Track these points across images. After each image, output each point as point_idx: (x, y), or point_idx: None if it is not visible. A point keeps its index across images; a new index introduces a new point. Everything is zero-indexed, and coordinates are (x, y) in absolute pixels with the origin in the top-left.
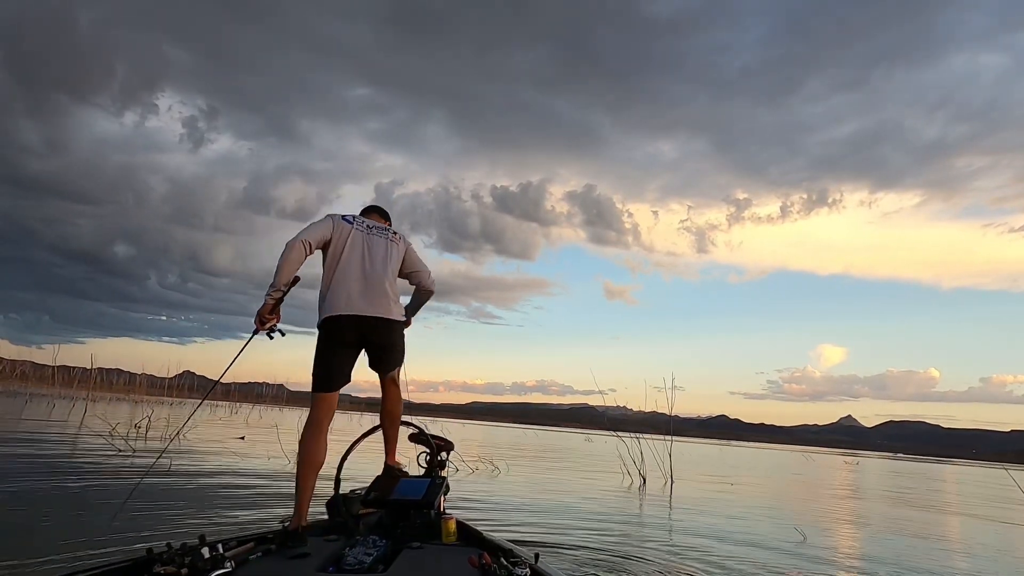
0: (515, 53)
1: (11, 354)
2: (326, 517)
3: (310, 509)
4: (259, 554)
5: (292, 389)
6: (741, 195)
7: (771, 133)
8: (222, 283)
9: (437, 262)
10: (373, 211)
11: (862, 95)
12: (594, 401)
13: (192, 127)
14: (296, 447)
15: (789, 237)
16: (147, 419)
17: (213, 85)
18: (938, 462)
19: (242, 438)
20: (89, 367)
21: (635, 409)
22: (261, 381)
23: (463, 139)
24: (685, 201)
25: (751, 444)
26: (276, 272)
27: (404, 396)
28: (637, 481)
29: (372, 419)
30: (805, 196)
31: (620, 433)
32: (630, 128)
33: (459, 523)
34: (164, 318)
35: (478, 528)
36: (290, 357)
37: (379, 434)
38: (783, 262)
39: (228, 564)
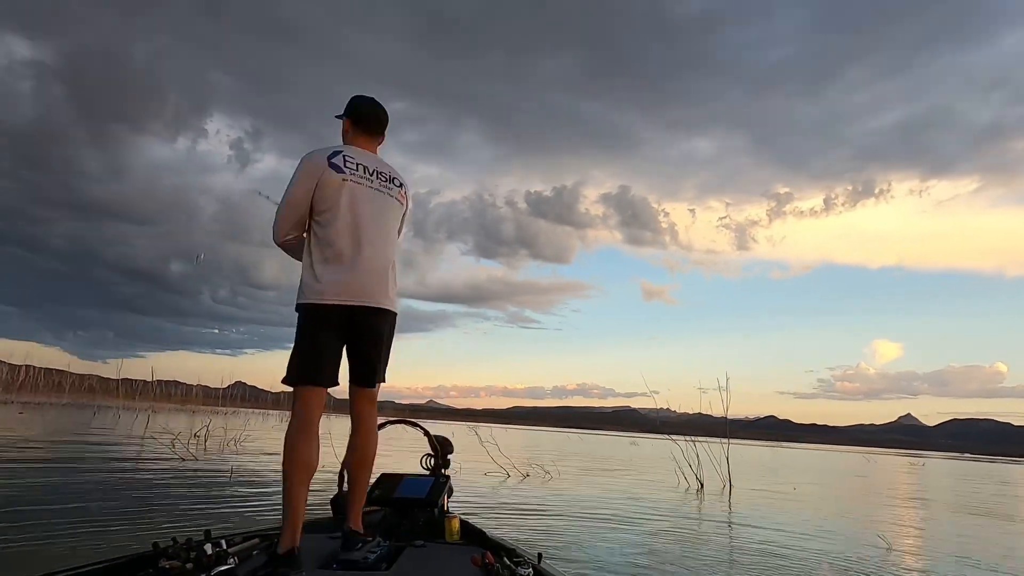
0: (544, 60)
1: (80, 369)
2: (330, 514)
3: (306, 512)
4: (263, 549)
5: (337, 397)
6: (782, 189)
7: (811, 125)
8: (269, 296)
9: (474, 268)
10: (365, 126)
11: (907, 80)
12: (637, 403)
13: (239, 148)
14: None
15: (834, 230)
16: (205, 429)
17: (257, 107)
18: (1011, 462)
19: None
20: (149, 380)
21: (679, 411)
22: None
23: (497, 146)
24: (723, 198)
25: (804, 446)
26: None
27: (445, 401)
28: (694, 485)
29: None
30: (850, 187)
31: (673, 436)
32: (663, 127)
33: (463, 522)
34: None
35: (482, 527)
36: None
37: (386, 429)
38: (829, 256)
39: (232, 560)
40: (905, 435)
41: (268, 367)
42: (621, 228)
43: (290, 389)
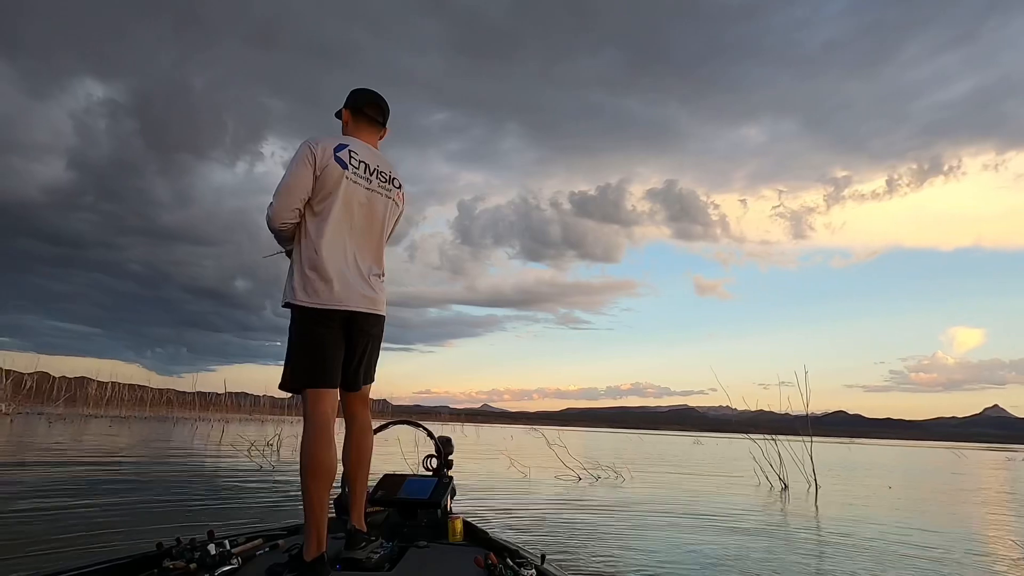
0: (582, 60)
1: (158, 384)
2: (334, 515)
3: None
4: (266, 550)
5: (394, 404)
6: (839, 173)
7: (868, 104)
8: None
9: (522, 272)
10: (369, 120)
11: (973, 50)
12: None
13: None
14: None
15: (900, 212)
16: (277, 437)
17: (308, 127)
18: None
19: None
20: (221, 392)
21: (739, 408)
22: None
23: (539, 149)
24: (776, 186)
25: (879, 442)
26: (277, 241)
27: (499, 405)
28: (777, 485)
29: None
30: (915, 166)
31: (751, 435)
32: (709, 118)
33: (465, 523)
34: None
35: (485, 528)
36: (390, 372)
37: (392, 430)
38: (896, 240)
39: (235, 560)
40: (993, 428)
41: None
42: (669, 223)
43: (287, 395)
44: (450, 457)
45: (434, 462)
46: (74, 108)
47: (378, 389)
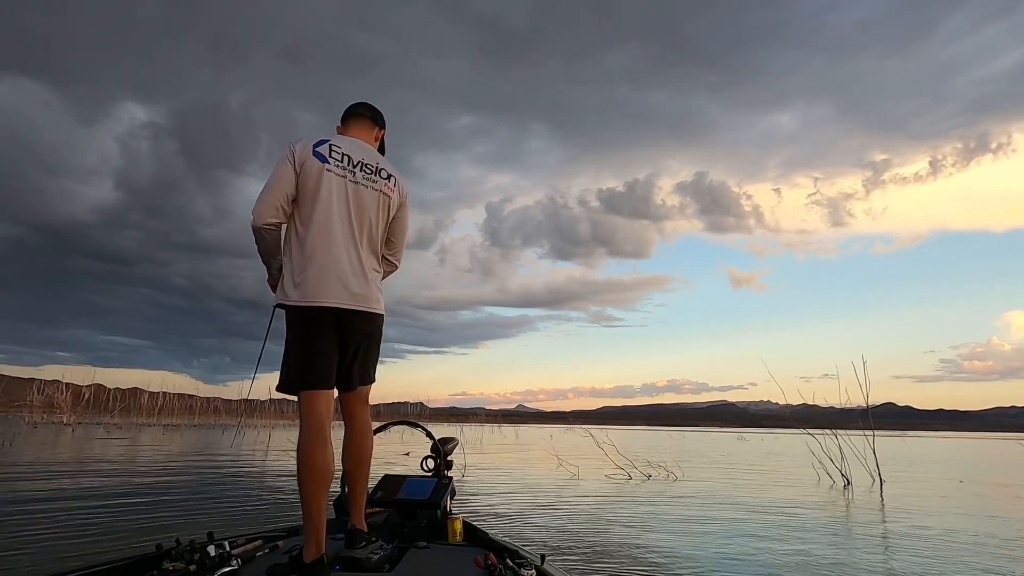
0: (605, 56)
1: (206, 392)
2: (333, 515)
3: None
4: (266, 551)
5: (431, 407)
6: (878, 156)
7: (907, 83)
8: None
9: (552, 271)
10: (357, 115)
11: (1020, 19)
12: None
13: None
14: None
15: (945, 194)
16: None
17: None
18: None
19: (407, 454)
20: (265, 399)
21: (781, 403)
22: (403, 400)
23: (565, 148)
24: (811, 173)
25: (933, 434)
26: (262, 258)
27: (534, 405)
28: (839, 482)
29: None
30: (960, 145)
31: (811, 430)
32: (738, 107)
33: (465, 523)
34: None
35: (485, 529)
36: (425, 375)
37: (390, 432)
38: (942, 223)
39: (235, 562)
40: None
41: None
42: (701, 216)
43: (293, 397)
44: (449, 457)
45: (432, 463)
46: (119, 132)
47: (414, 392)
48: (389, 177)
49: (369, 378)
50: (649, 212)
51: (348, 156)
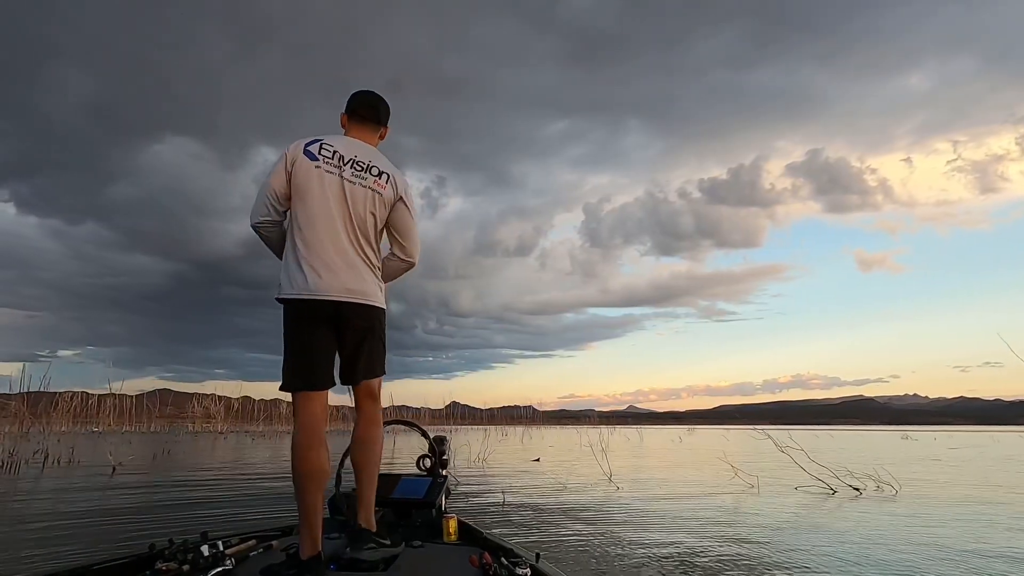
0: (699, 42)
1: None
2: (327, 515)
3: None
4: (260, 551)
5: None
6: None
7: None
8: (469, 322)
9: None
10: (359, 118)
11: None
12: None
13: (428, 197)
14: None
15: None
16: (447, 447)
17: (438, 157)
18: None
19: (537, 460)
20: (386, 405)
21: (931, 396)
22: (514, 404)
23: (663, 140)
24: (950, 136)
25: None
26: (276, 255)
27: (645, 406)
28: None
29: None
30: None
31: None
32: (854, 74)
33: (460, 522)
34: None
35: (479, 528)
36: (534, 378)
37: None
38: None
39: (229, 562)
40: None
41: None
42: (817, 197)
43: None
44: (444, 457)
45: (428, 462)
46: (256, 174)
47: (525, 396)
48: (380, 174)
49: (373, 372)
50: (757, 198)
51: (340, 155)
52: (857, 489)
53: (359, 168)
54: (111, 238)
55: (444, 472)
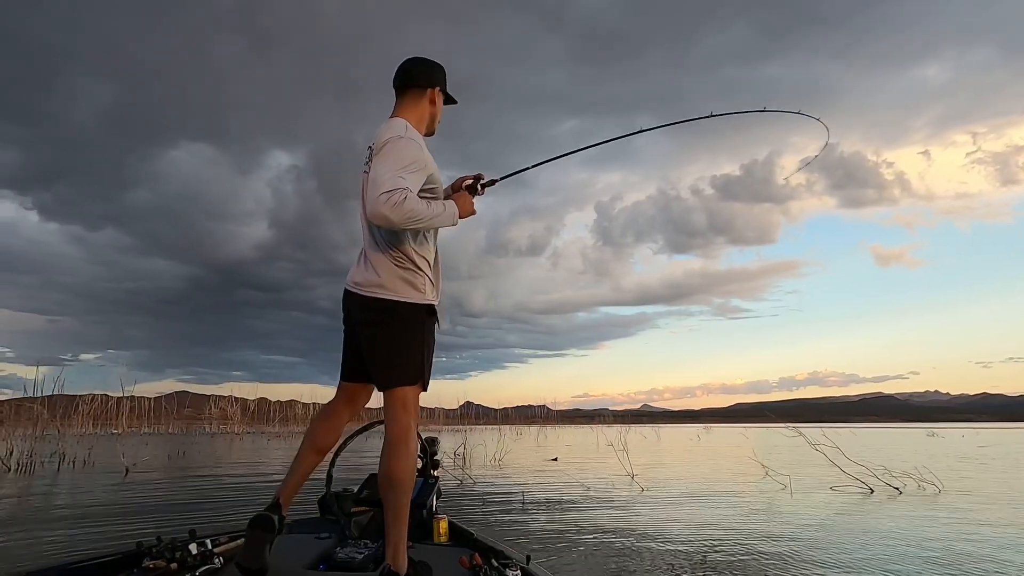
0: (710, 38)
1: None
2: (318, 515)
3: (300, 505)
4: None
5: (555, 409)
6: None
7: None
8: (481, 322)
9: (668, 266)
10: (394, 90)
11: None
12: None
13: None
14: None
15: None
16: (463, 447)
17: (454, 161)
18: None
19: (555, 459)
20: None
21: (952, 393)
22: (527, 403)
23: (675, 138)
24: (969, 128)
25: None
26: (435, 220)
27: (660, 404)
28: None
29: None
30: None
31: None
32: (869, 66)
33: (451, 523)
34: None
35: (470, 528)
36: (547, 377)
37: (379, 431)
38: None
39: (217, 560)
40: None
41: (490, 386)
42: (832, 192)
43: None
44: (435, 458)
45: (419, 462)
46: (270, 178)
47: (539, 395)
48: (368, 150)
49: (390, 379)
50: (771, 194)
51: (371, 147)
52: (897, 488)
53: (368, 156)
54: (130, 243)
55: (435, 473)
